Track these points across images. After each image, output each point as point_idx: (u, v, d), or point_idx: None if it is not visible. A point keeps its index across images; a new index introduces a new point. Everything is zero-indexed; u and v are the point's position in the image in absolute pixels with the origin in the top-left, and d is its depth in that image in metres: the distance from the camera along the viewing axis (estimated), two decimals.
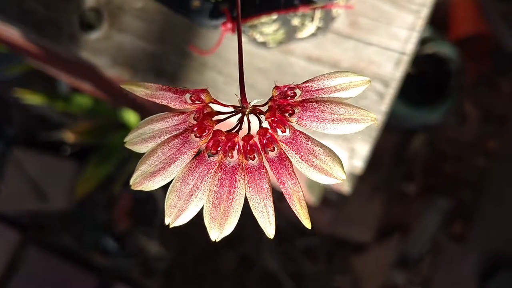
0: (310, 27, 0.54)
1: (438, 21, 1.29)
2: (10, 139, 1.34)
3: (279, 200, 0.36)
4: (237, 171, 0.28)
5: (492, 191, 1.29)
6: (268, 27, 0.51)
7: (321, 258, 1.32)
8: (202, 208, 0.28)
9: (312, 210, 0.30)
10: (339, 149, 0.59)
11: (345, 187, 0.69)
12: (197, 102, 0.29)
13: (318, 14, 0.52)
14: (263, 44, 0.57)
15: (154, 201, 1.33)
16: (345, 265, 1.31)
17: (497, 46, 1.32)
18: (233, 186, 0.28)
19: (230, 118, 0.30)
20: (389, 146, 1.32)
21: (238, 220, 0.29)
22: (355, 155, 0.59)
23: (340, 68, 0.59)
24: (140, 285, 1.31)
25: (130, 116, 1.14)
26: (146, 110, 0.81)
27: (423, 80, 1.22)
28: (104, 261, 1.31)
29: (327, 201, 1.25)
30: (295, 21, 0.52)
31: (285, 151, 0.28)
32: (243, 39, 0.58)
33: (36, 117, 1.35)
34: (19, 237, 1.29)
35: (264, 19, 0.49)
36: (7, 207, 1.32)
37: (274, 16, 0.49)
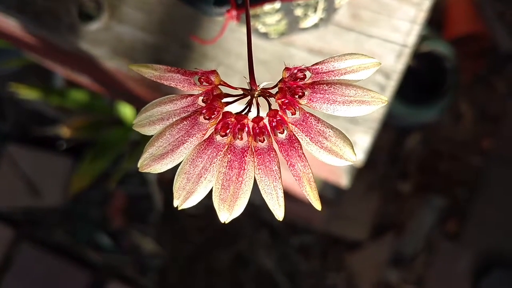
0: (313, 18, 0.53)
1: (434, 19, 1.30)
2: (4, 135, 1.33)
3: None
4: (247, 153, 0.27)
5: (487, 190, 1.29)
6: (270, 17, 0.51)
7: (316, 256, 1.32)
8: (211, 191, 0.28)
9: (307, 208, 0.29)
10: None
11: (344, 181, 0.69)
12: (205, 84, 0.28)
13: (321, 4, 0.52)
14: (265, 35, 0.56)
15: (149, 198, 1.33)
16: (339, 263, 1.31)
17: (493, 45, 1.33)
18: (243, 168, 0.27)
19: (235, 103, 0.29)
20: (384, 145, 1.32)
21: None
22: (356, 147, 0.58)
23: None
24: (134, 282, 1.30)
25: (126, 112, 1.13)
26: (144, 103, 0.81)
27: (419, 78, 1.22)
28: (98, 258, 1.31)
29: (322, 198, 1.25)
30: (298, 12, 0.52)
31: (294, 133, 0.28)
32: (244, 29, 0.58)
33: (31, 112, 1.34)
34: (13, 233, 1.28)
35: (267, 8, 0.49)
36: (0, 203, 1.31)
37: (277, 6, 0.49)
